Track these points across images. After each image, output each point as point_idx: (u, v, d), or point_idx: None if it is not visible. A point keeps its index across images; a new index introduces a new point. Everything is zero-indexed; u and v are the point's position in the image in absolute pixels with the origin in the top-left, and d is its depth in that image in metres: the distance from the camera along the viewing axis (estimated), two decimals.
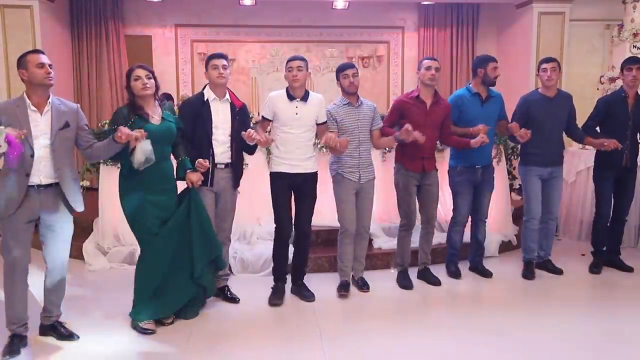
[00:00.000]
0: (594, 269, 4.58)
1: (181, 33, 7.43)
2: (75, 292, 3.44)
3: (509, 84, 6.18)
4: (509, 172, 5.31)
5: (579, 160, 5.49)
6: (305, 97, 3.79)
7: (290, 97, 3.77)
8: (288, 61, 3.79)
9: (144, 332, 3.35)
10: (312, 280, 4.13)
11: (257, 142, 3.60)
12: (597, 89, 5.96)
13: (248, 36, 7.47)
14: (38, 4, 5.93)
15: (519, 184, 5.03)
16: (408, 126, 3.77)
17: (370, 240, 4.47)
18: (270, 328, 3.57)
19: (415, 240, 4.35)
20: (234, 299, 3.87)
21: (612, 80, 5.92)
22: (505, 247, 5.10)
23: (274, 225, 3.89)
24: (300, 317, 3.69)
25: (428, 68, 4.02)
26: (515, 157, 5.18)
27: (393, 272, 4.46)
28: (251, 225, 4.87)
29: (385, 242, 4.78)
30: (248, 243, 4.76)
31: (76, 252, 4.89)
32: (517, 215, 5.33)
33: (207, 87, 3.70)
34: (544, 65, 4.26)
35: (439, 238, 4.73)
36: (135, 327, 3.40)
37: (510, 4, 6.94)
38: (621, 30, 5.99)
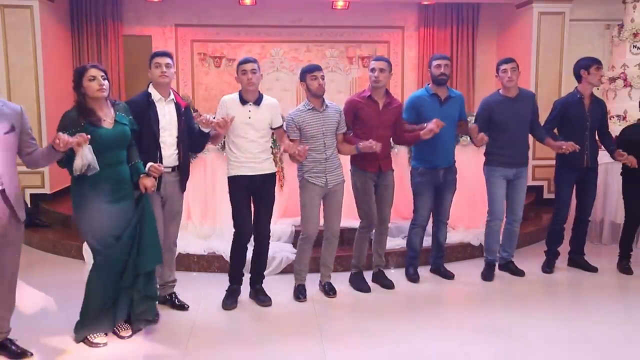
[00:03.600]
0: (547, 268, 4.52)
1: (181, 33, 7.42)
2: (75, 293, 3.42)
3: None
4: None
5: None
6: (258, 101, 3.65)
7: (243, 101, 3.63)
8: (241, 64, 3.64)
9: (94, 346, 3.16)
10: (313, 280, 4.12)
11: (215, 126, 3.45)
12: (597, 88, 5.94)
13: (248, 36, 7.47)
14: (38, 4, 5.91)
15: None
16: (372, 142, 3.68)
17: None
18: (270, 328, 3.57)
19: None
20: (182, 306, 3.70)
21: (612, 80, 5.92)
22: None
23: (234, 230, 3.77)
24: (300, 317, 3.69)
25: (372, 70, 3.95)
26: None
27: (393, 272, 4.47)
28: None
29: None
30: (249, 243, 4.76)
31: (76, 252, 4.90)
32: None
33: (151, 86, 3.54)
34: (503, 67, 4.19)
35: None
36: (83, 340, 3.19)
37: (510, 4, 6.94)
38: (621, 30, 5.99)
